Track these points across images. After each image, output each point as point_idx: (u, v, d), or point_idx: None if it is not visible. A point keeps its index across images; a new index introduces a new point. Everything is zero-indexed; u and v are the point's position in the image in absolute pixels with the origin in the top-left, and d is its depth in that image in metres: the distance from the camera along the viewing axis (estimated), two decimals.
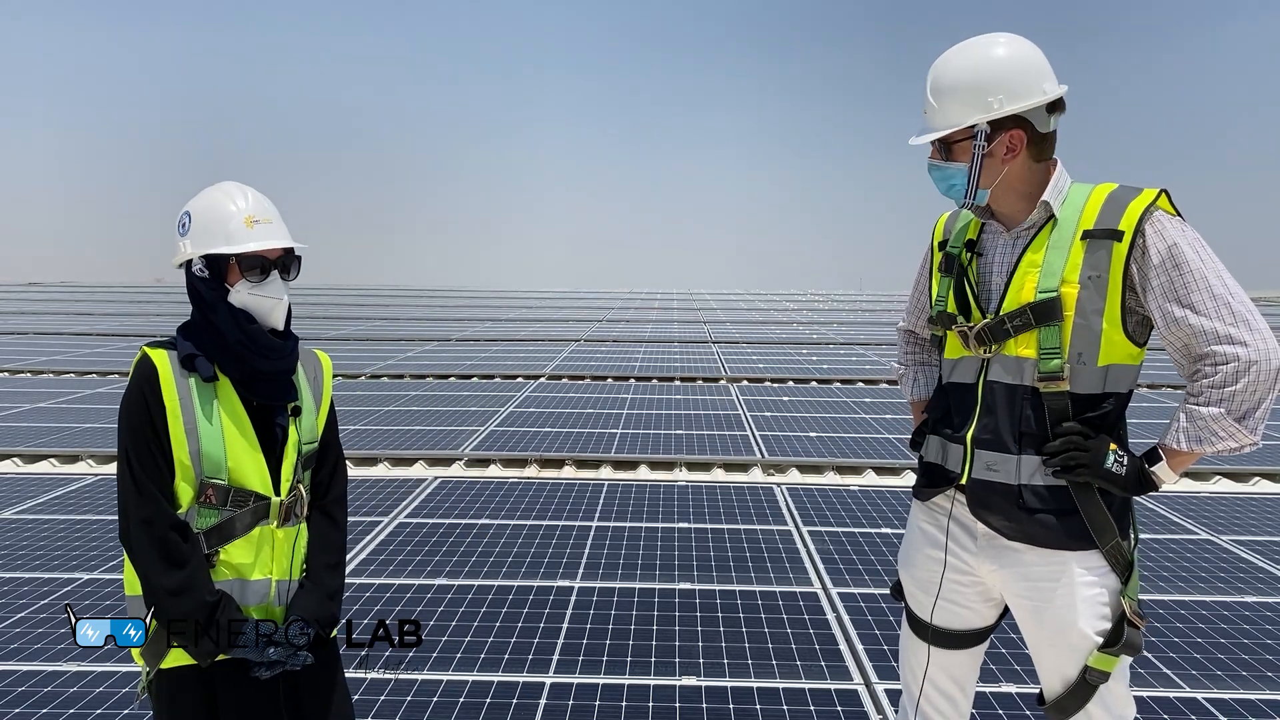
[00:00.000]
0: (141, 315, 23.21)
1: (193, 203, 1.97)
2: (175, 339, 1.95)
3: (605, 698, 3.23)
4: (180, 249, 1.95)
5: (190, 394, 1.89)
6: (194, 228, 1.94)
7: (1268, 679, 3.42)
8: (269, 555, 1.97)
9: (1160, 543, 5.06)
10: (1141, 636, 1.96)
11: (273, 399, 1.98)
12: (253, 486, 1.93)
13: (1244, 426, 1.83)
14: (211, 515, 1.90)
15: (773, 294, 45.34)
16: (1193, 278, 1.85)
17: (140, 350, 1.93)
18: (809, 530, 5.20)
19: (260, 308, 1.95)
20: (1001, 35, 2.00)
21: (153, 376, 1.88)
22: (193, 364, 1.90)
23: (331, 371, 2.18)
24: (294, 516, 2.00)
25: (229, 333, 1.92)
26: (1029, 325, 1.94)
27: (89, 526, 5.15)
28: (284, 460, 1.98)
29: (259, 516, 1.94)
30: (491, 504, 5.69)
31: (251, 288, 1.94)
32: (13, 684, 3.28)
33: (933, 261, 2.26)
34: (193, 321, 1.97)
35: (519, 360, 13.69)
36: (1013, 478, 1.98)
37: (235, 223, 1.93)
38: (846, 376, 12.28)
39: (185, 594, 1.85)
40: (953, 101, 1.95)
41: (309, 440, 2.05)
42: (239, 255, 1.92)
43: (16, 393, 10.10)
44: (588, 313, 26.02)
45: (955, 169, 1.99)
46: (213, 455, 1.89)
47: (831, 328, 21.34)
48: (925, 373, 2.45)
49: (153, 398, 1.87)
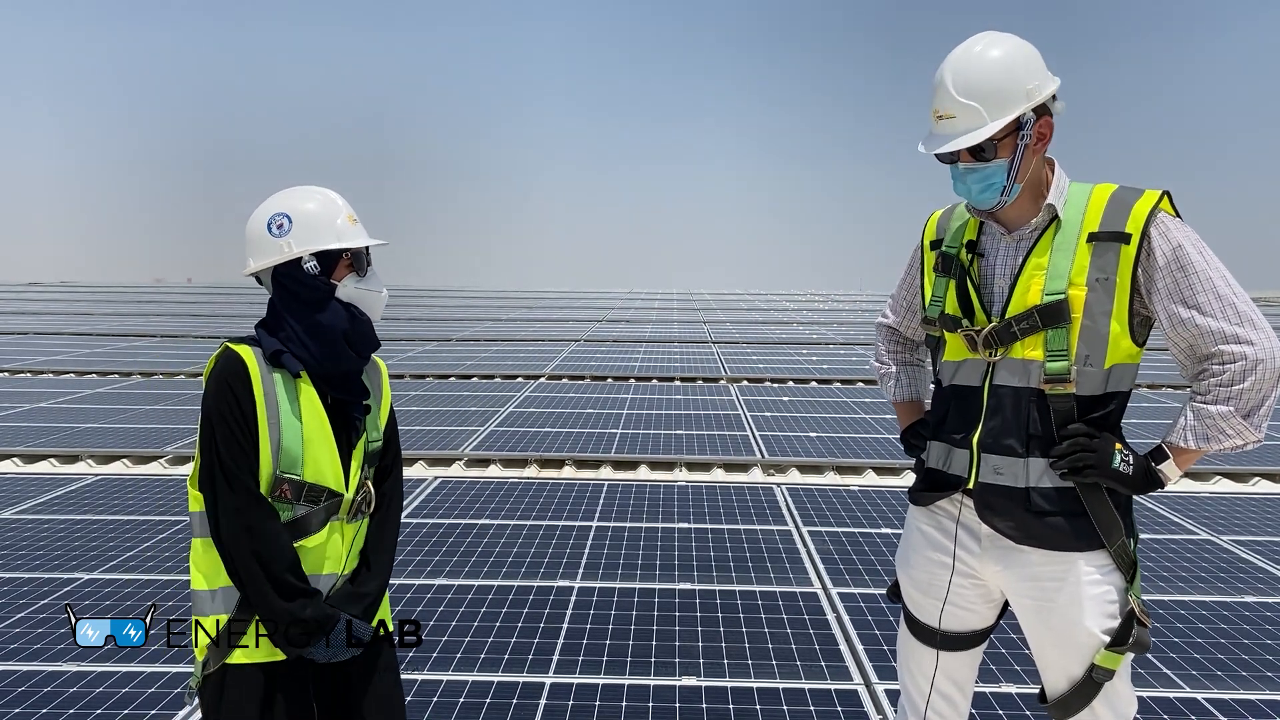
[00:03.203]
0: (141, 315, 23.21)
1: (279, 206, 1.99)
2: (256, 337, 1.99)
3: (605, 698, 3.23)
4: (282, 249, 1.96)
5: (276, 389, 1.92)
6: (297, 227, 1.96)
7: (1268, 679, 3.42)
8: (339, 550, 2.00)
9: (1160, 543, 5.06)
10: (1149, 634, 1.97)
11: (351, 395, 2.03)
12: (327, 483, 1.96)
13: (1250, 424, 1.86)
14: (286, 510, 1.93)
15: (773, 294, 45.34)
16: (1198, 279, 1.88)
17: (222, 345, 1.96)
18: (809, 530, 5.20)
19: (367, 300, 2.03)
20: (990, 33, 1.99)
21: (242, 371, 1.90)
22: (279, 360, 1.93)
23: (388, 373, 2.22)
24: (361, 512, 2.04)
25: (339, 326, 1.97)
26: (1036, 328, 1.94)
27: (89, 526, 5.15)
28: (353, 457, 2.02)
29: (331, 512, 1.97)
30: (491, 504, 5.69)
31: (358, 282, 2.01)
32: (13, 684, 3.28)
33: (925, 260, 2.23)
34: (277, 320, 1.99)
35: (519, 360, 13.69)
36: (1020, 480, 1.98)
37: (341, 220, 1.99)
38: (846, 376, 12.28)
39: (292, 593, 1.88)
40: (995, 98, 1.92)
41: (374, 438, 2.09)
42: (351, 250, 1.99)
43: (16, 393, 10.10)
44: (588, 313, 26.03)
45: (995, 167, 1.95)
46: (290, 450, 1.92)
47: (831, 328, 21.35)
48: (909, 372, 2.43)
49: (242, 390, 1.89)
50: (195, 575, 1.96)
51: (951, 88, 1.94)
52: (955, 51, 1.97)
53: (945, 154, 1.98)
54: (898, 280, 2.42)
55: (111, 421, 8.49)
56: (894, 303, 2.43)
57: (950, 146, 1.94)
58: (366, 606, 2.02)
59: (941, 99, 1.96)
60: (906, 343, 2.46)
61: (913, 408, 2.38)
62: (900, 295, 2.40)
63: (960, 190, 2.03)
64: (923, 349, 2.46)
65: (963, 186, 2.01)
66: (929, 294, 2.19)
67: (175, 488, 6.04)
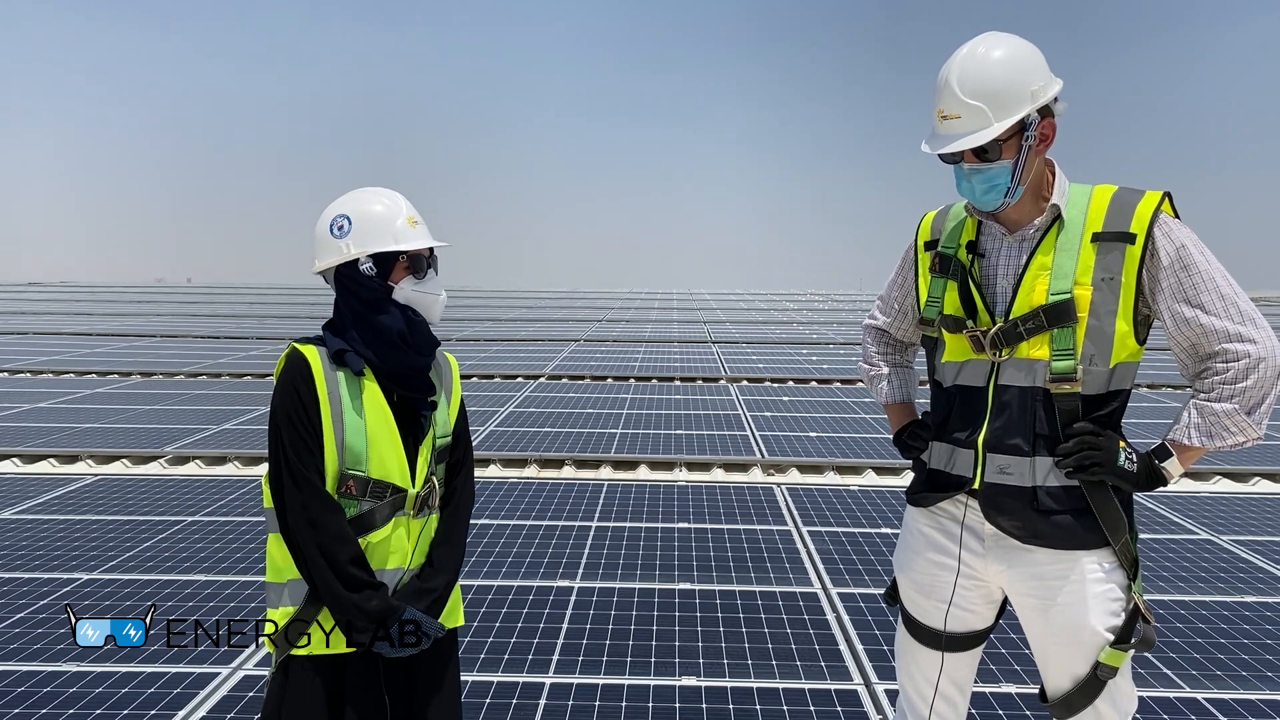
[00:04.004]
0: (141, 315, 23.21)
1: (343, 207, 2.03)
2: (322, 336, 2.03)
3: (605, 698, 3.23)
4: (340, 250, 2.00)
5: (339, 387, 1.96)
6: (356, 229, 2.00)
7: (1268, 679, 3.42)
8: (405, 545, 2.02)
9: (1160, 543, 5.06)
10: (1154, 630, 1.98)
11: (416, 392, 2.05)
12: (392, 479, 1.98)
13: (1252, 420, 1.89)
14: (351, 506, 1.96)
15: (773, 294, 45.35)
16: (1201, 279, 1.90)
17: (289, 345, 2.01)
18: (809, 530, 5.20)
19: (424, 302, 2.05)
20: (993, 33, 1.99)
21: (306, 370, 1.95)
22: (342, 359, 1.97)
23: (459, 371, 2.25)
24: (427, 507, 2.06)
25: (395, 327, 1.99)
26: (1042, 328, 1.95)
27: (89, 526, 5.15)
28: (420, 453, 2.04)
29: (396, 508, 1.99)
30: (491, 504, 5.69)
31: (416, 284, 2.04)
32: (13, 684, 3.27)
33: (919, 261, 2.22)
34: (341, 320, 2.04)
35: (519, 360, 13.70)
36: (1028, 480, 1.98)
37: (400, 222, 2.02)
38: (846, 376, 12.27)
39: (357, 585, 1.91)
40: (1002, 99, 1.91)
41: (443, 434, 2.11)
42: (408, 253, 2.01)
43: (16, 393, 10.09)
44: (588, 313, 26.03)
45: (1000, 168, 1.95)
46: (354, 447, 1.95)
47: (831, 327, 21.35)
48: (900, 374, 2.41)
49: (305, 390, 1.94)
50: (269, 568, 2.03)
51: (957, 88, 1.93)
52: (960, 52, 1.97)
53: (949, 154, 1.97)
54: (886, 281, 2.41)
55: (111, 421, 8.49)
56: (883, 304, 2.41)
57: (956, 146, 1.93)
58: (433, 601, 2.04)
59: (946, 99, 1.95)
60: (896, 344, 2.44)
61: (904, 409, 2.37)
62: (890, 296, 2.38)
63: (964, 191, 2.02)
64: (911, 350, 2.45)
65: (967, 187, 2.00)
66: (925, 295, 2.18)
67: (175, 488, 6.04)
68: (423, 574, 2.07)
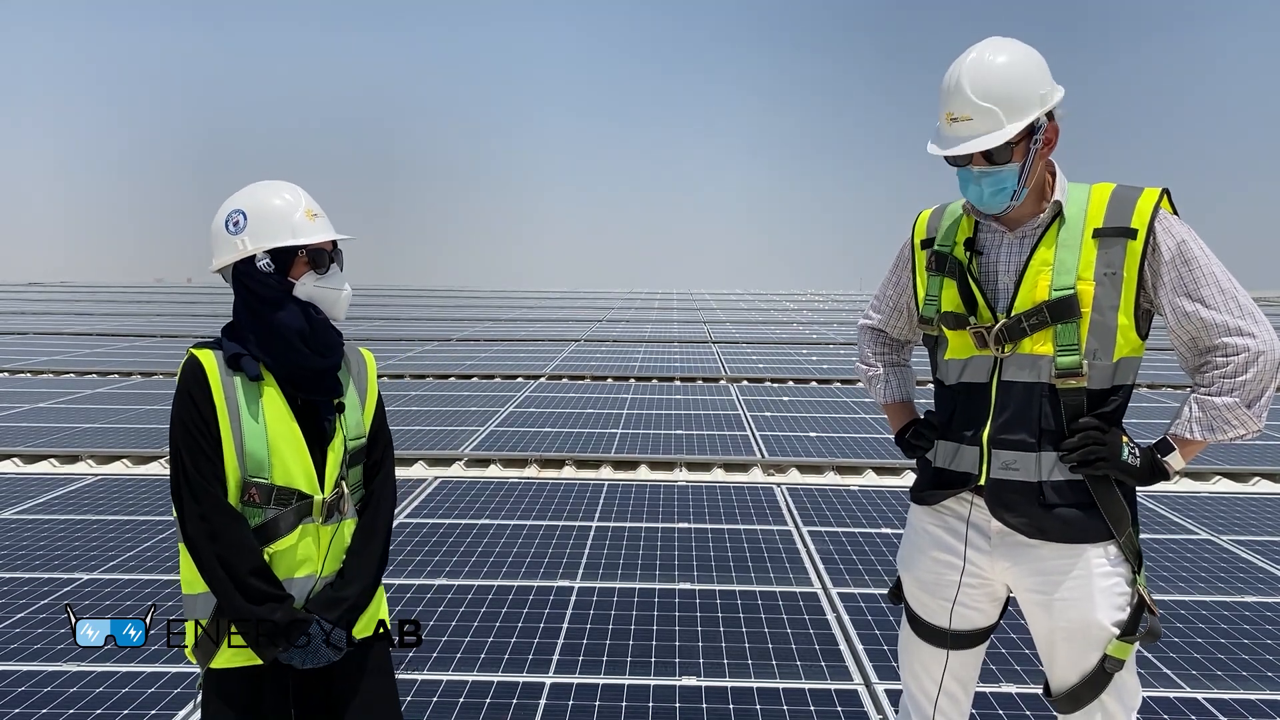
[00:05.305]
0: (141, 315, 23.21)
1: (239, 202, 1.97)
2: (220, 339, 1.96)
3: (605, 698, 3.23)
4: (236, 246, 1.94)
5: (236, 392, 1.89)
6: (252, 224, 1.93)
7: (1268, 679, 3.42)
8: (314, 552, 1.96)
9: (1160, 543, 5.06)
10: (1159, 622, 2.00)
11: (319, 395, 1.99)
12: (297, 485, 1.92)
13: (1252, 413, 1.92)
14: (255, 514, 1.90)
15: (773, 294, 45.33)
16: (1201, 273, 1.92)
17: (187, 352, 1.94)
18: (809, 530, 5.20)
19: (327, 299, 1.98)
20: (998, 38, 2.00)
21: (200, 376, 1.88)
22: (238, 363, 1.91)
23: (376, 368, 2.18)
24: (338, 513, 1.99)
25: (295, 326, 1.93)
26: (1045, 323, 1.96)
27: (89, 526, 5.15)
28: (329, 457, 1.98)
29: (302, 515, 1.94)
30: (491, 504, 5.69)
31: (318, 279, 1.97)
32: (13, 684, 3.28)
33: (916, 260, 2.23)
34: (238, 321, 1.97)
35: (519, 360, 13.69)
36: (1033, 475, 1.99)
37: (298, 216, 1.95)
38: (846, 377, 12.26)
39: (259, 597, 1.86)
40: (1014, 101, 1.92)
41: (354, 436, 2.05)
42: (307, 247, 1.95)
43: (16, 393, 10.10)
44: (588, 313, 26.02)
45: (1008, 171, 1.95)
46: (256, 454, 1.89)
47: (831, 328, 21.34)
48: (898, 373, 2.41)
49: (200, 396, 1.87)
50: (183, 579, 1.96)
51: (969, 90, 1.92)
52: (968, 55, 1.96)
53: (958, 156, 1.97)
54: (880, 281, 2.41)
55: (111, 421, 8.50)
56: (878, 303, 2.41)
57: (970, 148, 1.93)
58: (345, 610, 1.97)
59: (957, 101, 1.94)
60: (892, 343, 2.44)
61: (903, 409, 2.37)
62: (886, 295, 2.38)
63: (971, 193, 2.01)
64: (908, 349, 2.45)
65: (975, 189, 1.99)
66: (922, 293, 2.19)
67: None
68: (335, 583, 1.99)
